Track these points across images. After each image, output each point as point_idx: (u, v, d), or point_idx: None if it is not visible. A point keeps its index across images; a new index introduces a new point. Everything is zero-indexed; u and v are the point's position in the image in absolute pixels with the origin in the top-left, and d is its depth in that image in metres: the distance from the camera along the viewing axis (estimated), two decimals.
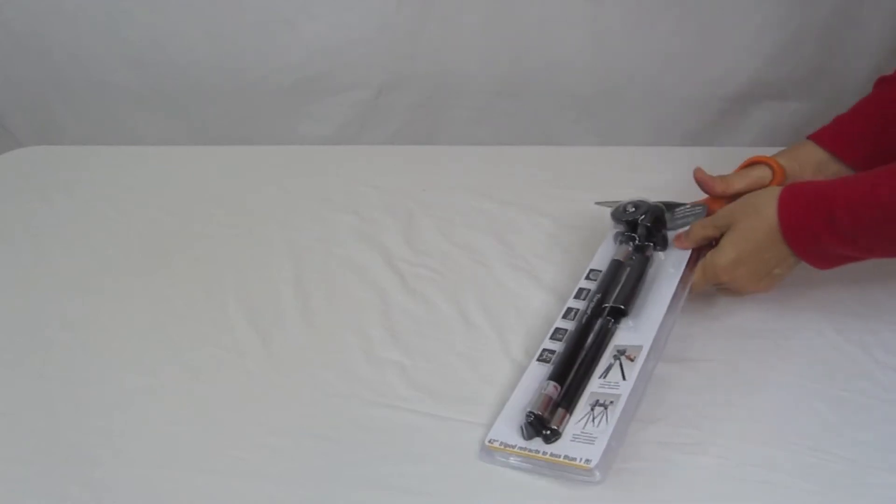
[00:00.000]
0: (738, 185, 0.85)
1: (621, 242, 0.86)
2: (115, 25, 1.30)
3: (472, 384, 0.77)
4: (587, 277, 0.85)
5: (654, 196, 0.89)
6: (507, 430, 0.71)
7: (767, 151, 0.89)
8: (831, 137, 0.86)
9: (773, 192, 0.76)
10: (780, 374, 0.78)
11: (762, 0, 1.20)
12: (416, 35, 1.27)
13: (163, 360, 0.83)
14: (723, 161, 0.91)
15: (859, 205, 0.71)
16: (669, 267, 0.82)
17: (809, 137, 0.87)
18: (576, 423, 0.69)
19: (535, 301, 0.87)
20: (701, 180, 0.86)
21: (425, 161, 1.18)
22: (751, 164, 0.87)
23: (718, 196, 0.85)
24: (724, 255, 0.78)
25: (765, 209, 0.75)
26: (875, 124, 0.86)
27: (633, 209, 0.85)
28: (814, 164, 0.86)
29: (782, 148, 0.89)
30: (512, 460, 0.69)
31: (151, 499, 0.69)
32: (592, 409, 0.70)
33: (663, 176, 1.07)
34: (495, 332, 0.83)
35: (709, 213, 0.84)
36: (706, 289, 0.82)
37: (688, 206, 0.86)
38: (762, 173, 0.85)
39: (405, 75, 1.31)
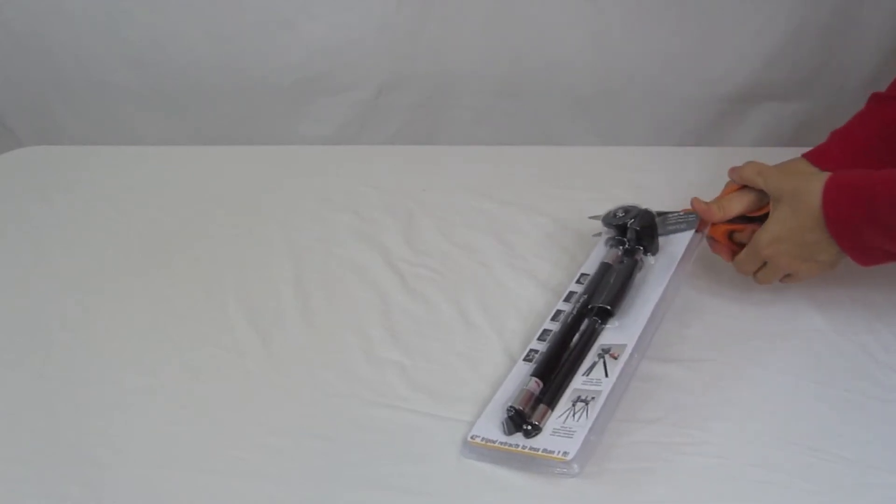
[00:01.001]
0: (735, 208, 0.84)
1: (611, 246, 0.86)
2: (115, 25, 1.30)
3: (472, 384, 0.77)
4: (577, 281, 0.86)
5: (652, 196, 0.89)
6: (490, 426, 0.71)
7: (767, 151, 0.89)
8: (826, 157, 0.86)
9: (819, 180, 0.75)
10: (779, 374, 0.78)
11: (762, 0, 1.20)
12: (416, 35, 1.27)
13: (163, 360, 0.82)
14: (723, 161, 0.91)
15: None
16: (658, 271, 0.82)
17: (804, 156, 0.87)
18: (556, 419, 0.70)
19: (535, 301, 0.87)
20: (699, 209, 0.85)
21: (425, 161, 1.18)
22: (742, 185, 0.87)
23: (717, 223, 0.85)
24: (767, 232, 0.79)
25: (810, 196, 0.75)
26: (870, 144, 0.86)
27: (623, 214, 0.86)
28: None
29: (782, 148, 0.89)
30: (492, 455, 0.69)
31: (151, 499, 0.69)
32: (574, 405, 0.70)
33: (663, 176, 1.07)
34: (495, 332, 0.84)
35: (701, 223, 0.84)
36: (750, 269, 0.82)
37: (681, 213, 0.87)
38: (759, 192, 0.84)
39: (405, 75, 1.31)
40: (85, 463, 0.72)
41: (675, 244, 0.84)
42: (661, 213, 0.87)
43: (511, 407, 0.70)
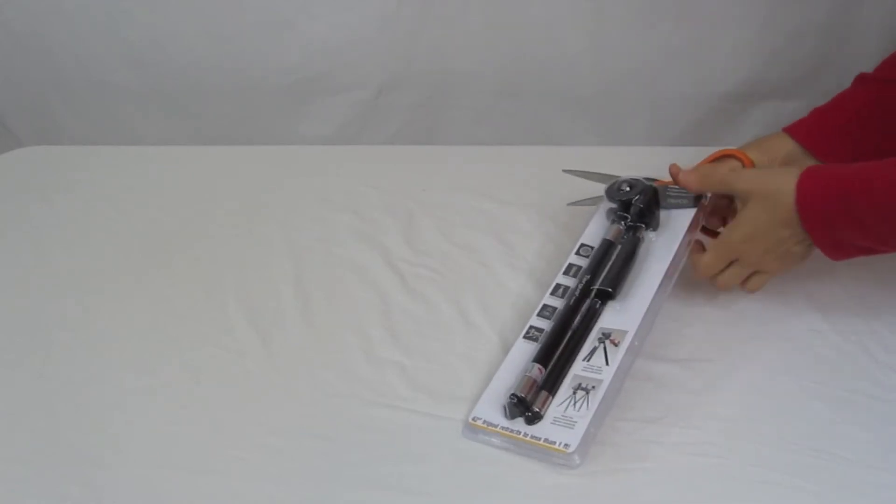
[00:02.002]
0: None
1: (613, 221, 0.86)
2: (115, 25, 1.30)
3: (472, 384, 0.77)
4: (577, 253, 0.85)
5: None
6: (491, 408, 0.72)
7: None
8: (806, 132, 0.86)
9: (793, 174, 0.75)
10: (779, 374, 0.78)
11: (762, 0, 1.20)
12: (416, 35, 1.27)
13: (163, 360, 0.83)
14: None
15: (877, 195, 0.71)
16: (660, 249, 0.82)
17: (785, 129, 0.88)
18: (557, 406, 0.70)
19: (535, 301, 0.87)
20: (675, 175, 0.86)
21: (425, 161, 1.18)
22: (720, 156, 0.88)
23: (693, 192, 0.85)
24: (739, 230, 0.78)
25: (783, 190, 0.75)
26: (851, 122, 0.87)
27: (628, 188, 0.85)
28: (783, 156, 0.86)
29: None
30: (494, 440, 0.70)
31: (151, 499, 0.69)
32: (574, 393, 0.71)
33: (663, 176, 1.07)
34: (495, 332, 0.84)
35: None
36: (716, 269, 0.81)
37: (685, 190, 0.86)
38: (733, 166, 0.85)
39: (405, 75, 1.31)
40: (85, 463, 0.72)
41: (677, 219, 0.83)
42: (662, 187, 0.86)
43: (514, 395, 0.70)
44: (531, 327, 0.79)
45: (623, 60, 1.27)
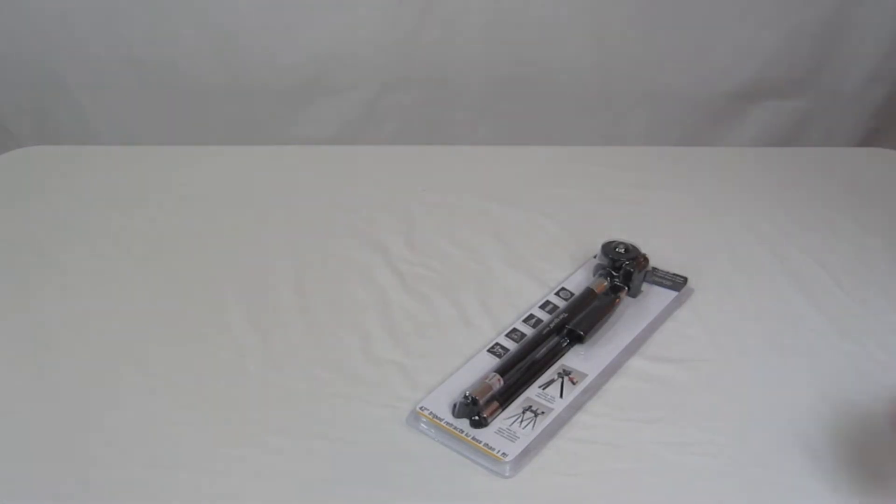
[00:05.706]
0: None
1: (600, 275, 0.89)
2: (115, 25, 1.30)
3: None
4: (557, 294, 0.88)
5: (653, 195, 0.89)
6: (440, 404, 0.74)
7: (767, 151, 0.89)
8: None
9: None
10: (780, 374, 0.78)
11: (761, 0, 1.20)
12: (416, 35, 1.27)
13: (163, 359, 0.82)
14: (722, 161, 0.91)
15: None
16: (632, 317, 0.85)
17: None
18: (504, 420, 0.73)
19: (534, 301, 0.87)
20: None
21: (425, 161, 1.18)
22: None
23: None
24: None
25: None
26: None
27: (623, 251, 0.88)
28: None
29: (781, 148, 0.89)
30: (436, 432, 0.72)
31: (151, 499, 0.69)
32: (523, 413, 0.73)
33: (663, 175, 1.07)
34: (495, 332, 0.84)
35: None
36: None
37: (670, 273, 0.90)
38: None
39: (405, 75, 1.31)
40: (84, 462, 0.71)
41: (654, 296, 0.87)
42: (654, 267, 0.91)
43: (469, 395, 0.72)
44: (497, 344, 0.81)
45: (623, 61, 1.28)
